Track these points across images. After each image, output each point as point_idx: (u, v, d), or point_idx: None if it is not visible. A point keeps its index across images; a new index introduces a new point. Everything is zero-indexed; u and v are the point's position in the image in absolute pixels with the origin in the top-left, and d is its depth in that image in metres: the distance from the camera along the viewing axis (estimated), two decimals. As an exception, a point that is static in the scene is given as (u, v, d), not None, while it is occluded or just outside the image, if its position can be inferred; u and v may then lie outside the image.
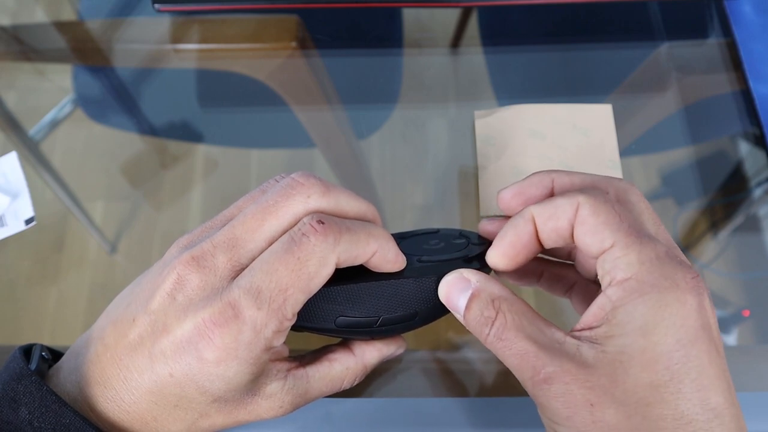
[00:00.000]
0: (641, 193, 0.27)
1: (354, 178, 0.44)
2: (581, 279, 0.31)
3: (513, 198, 0.28)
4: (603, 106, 0.43)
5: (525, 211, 0.26)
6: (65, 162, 0.44)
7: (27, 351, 0.27)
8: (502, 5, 0.48)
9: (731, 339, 0.38)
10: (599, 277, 0.25)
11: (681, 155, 0.43)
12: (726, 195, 0.42)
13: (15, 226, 0.41)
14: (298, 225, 0.25)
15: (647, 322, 0.22)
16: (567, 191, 0.26)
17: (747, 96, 0.44)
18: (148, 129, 0.45)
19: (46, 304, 0.39)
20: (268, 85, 0.46)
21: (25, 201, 0.42)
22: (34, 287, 0.40)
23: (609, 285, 0.24)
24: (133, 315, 0.25)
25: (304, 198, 0.26)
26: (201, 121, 0.45)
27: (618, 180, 0.27)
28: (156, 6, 0.47)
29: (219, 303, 0.24)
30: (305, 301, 0.25)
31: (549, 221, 0.26)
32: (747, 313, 0.38)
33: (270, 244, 0.25)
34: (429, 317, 0.28)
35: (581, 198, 0.25)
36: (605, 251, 0.24)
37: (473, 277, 0.26)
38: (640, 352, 0.22)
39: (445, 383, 0.36)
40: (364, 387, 0.35)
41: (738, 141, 0.44)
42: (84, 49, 0.48)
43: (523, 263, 0.27)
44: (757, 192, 0.42)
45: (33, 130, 0.45)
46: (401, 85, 0.46)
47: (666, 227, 0.26)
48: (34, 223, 0.42)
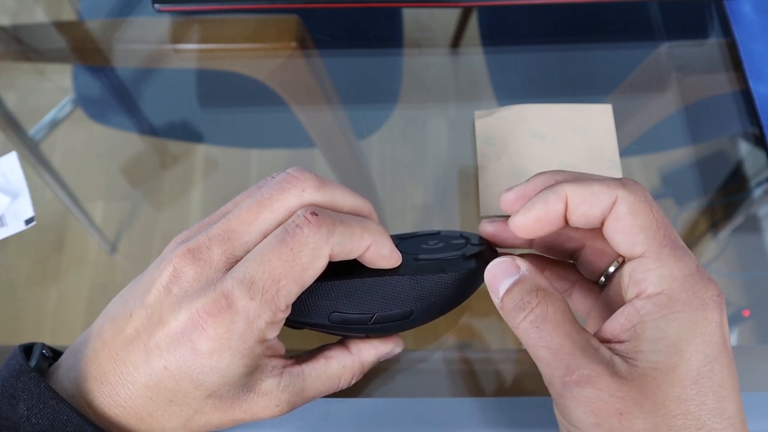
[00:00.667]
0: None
1: (354, 178, 0.44)
2: (582, 279, 0.31)
3: (516, 201, 0.28)
4: (603, 106, 0.43)
5: (558, 188, 0.26)
6: (65, 162, 0.44)
7: (28, 349, 0.27)
8: (502, 5, 0.48)
9: (731, 339, 0.38)
10: (623, 285, 0.25)
11: (681, 155, 0.43)
12: (726, 195, 0.42)
13: (15, 226, 0.41)
14: (292, 217, 0.25)
15: (680, 339, 0.23)
16: (598, 183, 0.25)
17: (747, 96, 0.44)
18: (148, 129, 0.45)
19: (46, 304, 0.39)
20: (268, 85, 0.46)
21: (25, 201, 0.42)
22: (34, 287, 0.40)
23: (637, 296, 0.24)
24: (131, 310, 0.25)
25: (298, 191, 0.26)
26: (201, 121, 0.45)
27: (629, 182, 0.26)
28: (156, 6, 0.47)
29: (212, 293, 0.24)
30: (299, 293, 0.25)
31: (582, 205, 0.25)
32: (747, 313, 0.38)
33: (265, 236, 0.25)
34: (425, 317, 0.28)
35: (621, 192, 0.24)
36: (635, 258, 0.24)
37: (524, 265, 0.26)
38: (672, 368, 0.23)
39: (445, 383, 0.36)
40: (363, 387, 0.35)
41: (738, 141, 0.44)
42: (84, 49, 0.48)
43: (543, 236, 0.28)
44: (757, 192, 0.42)
45: (33, 130, 0.45)
46: (401, 85, 0.46)
47: None
48: (34, 223, 0.42)
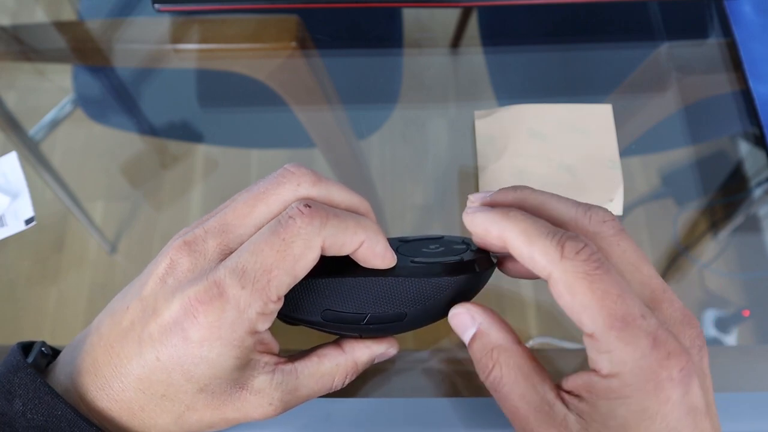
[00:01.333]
0: (624, 230, 0.26)
1: (354, 178, 0.44)
2: None
3: (482, 222, 0.27)
4: (603, 106, 0.43)
5: (502, 227, 0.26)
6: (65, 162, 0.44)
7: (29, 346, 0.27)
8: (502, 5, 0.48)
9: (731, 339, 0.38)
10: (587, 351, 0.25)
11: (681, 155, 0.43)
12: (726, 195, 0.42)
13: (15, 226, 0.41)
14: (287, 209, 0.25)
15: (628, 423, 0.22)
16: (543, 225, 0.25)
17: (747, 96, 0.44)
18: (148, 129, 0.45)
19: (46, 304, 0.39)
20: (268, 85, 0.46)
21: (25, 201, 0.42)
22: (34, 287, 0.40)
23: (594, 371, 0.24)
24: (128, 303, 0.26)
25: (294, 186, 0.26)
26: (201, 121, 0.45)
27: (598, 213, 0.26)
28: (156, 6, 0.47)
29: (204, 282, 0.24)
30: (291, 285, 0.25)
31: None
32: (747, 313, 0.38)
33: (259, 229, 0.26)
34: (418, 320, 0.28)
35: (555, 272, 0.24)
36: (586, 336, 0.24)
37: (478, 317, 0.26)
38: None
39: (445, 383, 0.36)
40: (363, 387, 0.35)
41: (738, 141, 0.44)
42: (84, 49, 0.48)
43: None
44: (757, 192, 0.42)
45: (33, 130, 0.45)
46: (401, 85, 0.46)
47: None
48: (34, 223, 0.42)
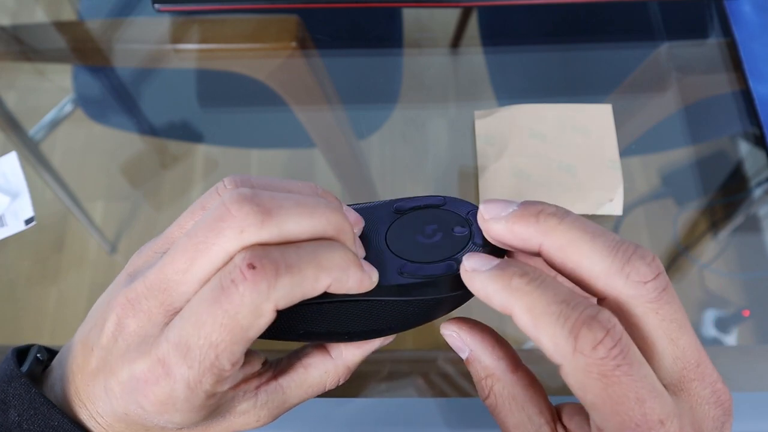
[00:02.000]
0: (666, 289, 0.21)
1: (354, 178, 0.44)
2: None
3: (482, 288, 0.23)
4: (603, 106, 0.43)
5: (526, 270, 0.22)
6: (65, 162, 0.44)
7: (24, 352, 0.27)
8: (502, 5, 0.48)
9: (731, 339, 0.38)
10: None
11: (681, 155, 0.43)
12: (726, 195, 0.42)
13: (15, 226, 0.41)
14: (228, 266, 0.22)
15: None
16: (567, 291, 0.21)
17: (747, 96, 0.44)
18: (148, 129, 0.45)
19: (46, 304, 0.39)
20: (268, 85, 0.46)
21: (25, 201, 0.42)
22: (34, 287, 0.40)
23: None
24: (92, 344, 0.24)
25: (236, 233, 0.22)
26: (201, 121, 0.45)
27: (639, 268, 0.21)
28: (156, 6, 0.47)
29: (149, 359, 0.22)
30: (246, 349, 0.22)
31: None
32: (747, 313, 0.38)
33: (203, 284, 0.23)
34: (407, 328, 0.26)
35: (565, 365, 0.20)
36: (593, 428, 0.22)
37: (469, 341, 0.25)
38: None
39: (445, 383, 0.36)
40: (362, 387, 0.35)
41: (738, 141, 0.44)
42: (84, 49, 0.48)
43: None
44: (757, 192, 0.42)
45: (33, 130, 0.45)
46: (401, 85, 0.46)
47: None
48: (34, 223, 0.42)
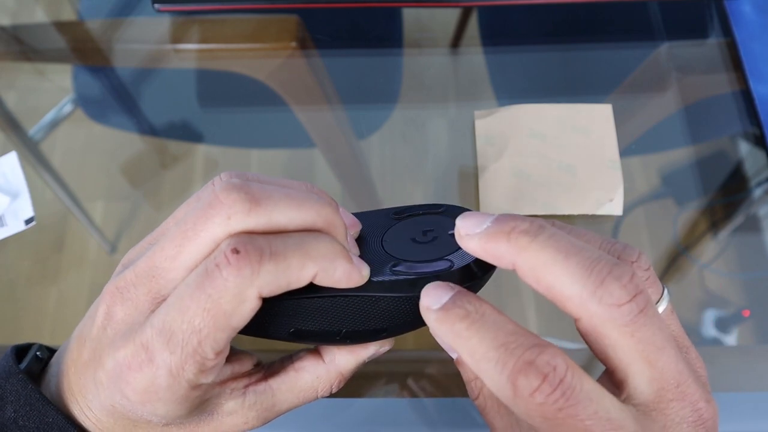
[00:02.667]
0: (645, 310, 0.20)
1: (354, 178, 0.44)
2: None
3: (434, 330, 0.23)
4: (603, 106, 0.43)
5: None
6: (65, 162, 0.44)
7: (24, 350, 0.27)
8: (502, 5, 0.48)
9: (731, 339, 0.38)
10: None
11: (681, 155, 0.43)
12: (726, 195, 0.42)
13: (15, 226, 0.41)
14: (214, 253, 0.22)
15: None
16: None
17: (747, 96, 0.44)
18: (148, 129, 0.45)
19: (46, 304, 0.39)
20: (268, 85, 0.46)
21: (25, 201, 0.42)
22: (34, 287, 0.40)
23: None
24: (85, 336, 0.25)
25: (223, 219, 0.22)
26: (201, 121, 0.45)
27: (613, 291, 0.20)
28: (156, 6, 0.47)
29: (132, 345, 0.22)
30: (230, 338, 0.23)
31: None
32: (747, 313, 0.38)
33: (191, 271, 0.23)
34: (401, 332, 0.25)
35: (512, 407, 0.20)
36: None
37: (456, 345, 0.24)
38: None
39: (446, 383, 0.36)
40: (362, 387, 0.35)
41: (738, 141, 0.44)
42: (84, 49, 0.48)
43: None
44: (757, 192, 0.42)
45: (33, 130, 0.45)
46: (401, 85, 0.46)
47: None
48: (34, 223, 0.42)
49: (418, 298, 0.23)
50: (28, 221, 0.42)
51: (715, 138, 0.44)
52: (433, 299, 0.22)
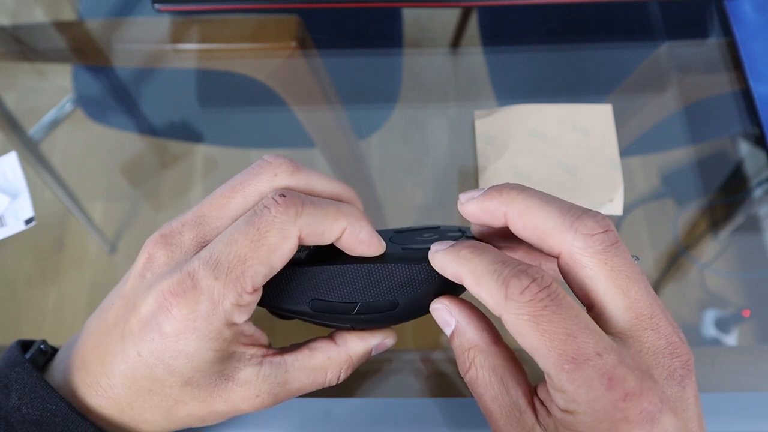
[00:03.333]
0: (615, 244, 0.23)
1: (354, 178, 0.44)
2: None
3: (440, 264, 0.26)
4: (603, 106, 0.43)
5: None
6: (65, 162, 0.44)
7: (28, 344, 0.28)
8: (502, 5, 0.48)
9: (731, 339, 0.38)
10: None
11: (681, 155, 0.43)
12: (726, 195, 0.42)
13: (15, 226, 0.41)
14: (262, 200, 0.25)
15: None
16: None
17: (747, 96, 0.44)
18: (148, 129, 0.45)
19: (46, 303, 0.39)
20: (268, 85, 0.46)
21: (25, 201, 0.42)
22: (34, 287, 0.40)
23: (554, 407, 0.23)
24: (113, 300, 0.26)
25: (270, 176, 0.26)
26: (201, 121, 0.45)
27: (587, 223, 0.23)
28: (156, 6, 0.47)
29: (178, 274, 0.24)
30: (268, 276, 0.24)
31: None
32: (747, 313, 0.38)
33: (236, 220, 0.25)
34: (412, 309, 0.27)
35: (503, 315, 0.23)
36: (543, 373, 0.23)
37: (456, 314, 0.26)
38: None
39: (446, 383, 0.36)
40: (362, 387, 0.35)
41: (738, 141, 0.44)
42: (84, 49, 0.48)
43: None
44: (757, 192, 0.42)
45: (33, 130, 0.45)
46: (401, 85, 0.46)
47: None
48: (33, 223, 0.42)
49: (428, 267, 0.26)
50: (27, 221, 0.42)
51: (715, 138, 0.44)
52: (442, 245, 0.26)
